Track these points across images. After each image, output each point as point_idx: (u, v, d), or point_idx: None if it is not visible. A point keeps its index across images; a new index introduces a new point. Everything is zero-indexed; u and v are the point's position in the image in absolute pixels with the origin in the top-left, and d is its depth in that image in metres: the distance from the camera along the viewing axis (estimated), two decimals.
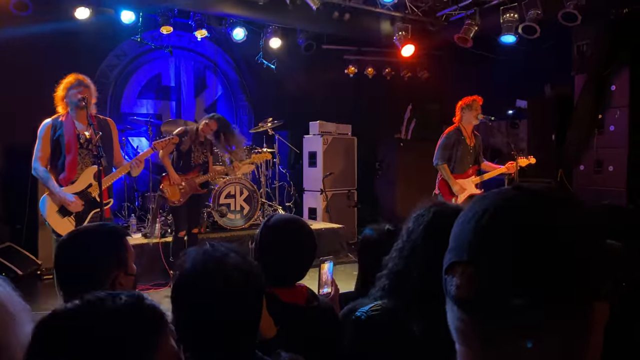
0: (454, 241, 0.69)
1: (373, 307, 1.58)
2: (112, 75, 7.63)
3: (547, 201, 0.66)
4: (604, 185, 6.24)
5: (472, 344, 0.66)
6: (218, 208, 6.25)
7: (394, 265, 1.62)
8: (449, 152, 5.46)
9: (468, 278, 0.64)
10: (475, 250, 0.64)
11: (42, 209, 3.91)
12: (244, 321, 1.29)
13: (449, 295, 0.68)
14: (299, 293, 1.88)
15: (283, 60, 8.37)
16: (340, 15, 7.17)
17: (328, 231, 6.99)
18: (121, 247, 1.75)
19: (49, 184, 3.84)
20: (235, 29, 7.42)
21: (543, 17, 6.29)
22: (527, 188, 0.68)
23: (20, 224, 6.10)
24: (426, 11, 7.43)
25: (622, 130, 6.17)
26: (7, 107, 6.37)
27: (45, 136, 3.89)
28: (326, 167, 7.90)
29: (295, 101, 8.84)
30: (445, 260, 0.69)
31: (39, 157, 3.86)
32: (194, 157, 5.25)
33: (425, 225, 1.58)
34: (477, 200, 0.70)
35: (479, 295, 0.63)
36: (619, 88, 6.21)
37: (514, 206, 0.65)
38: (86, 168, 3.94)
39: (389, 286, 1.62)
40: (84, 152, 3.93)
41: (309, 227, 1.98)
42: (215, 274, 1.27)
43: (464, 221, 0.68)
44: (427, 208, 1.63)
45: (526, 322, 0.61)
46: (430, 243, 1.54)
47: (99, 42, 7.30)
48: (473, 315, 0.64)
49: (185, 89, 8.30)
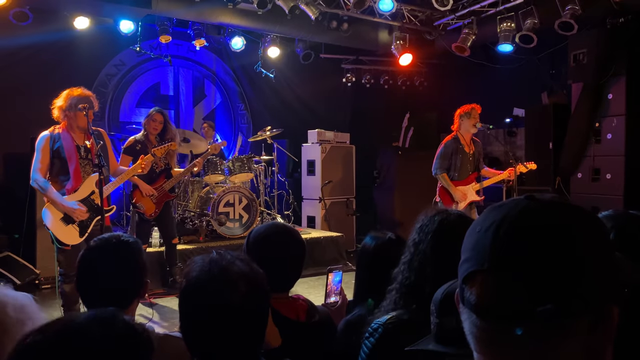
0: (470, 250, 0.70)
1: (389, 318, 1.57)
2: (111, 84, 7.66)
3: (563, 210, 0.68)
4: (602, 193, 6.26)
5: (492, 352, 0.67)
6: (217, 217, 6.25)
7: (405, 279, 1.61)
8: (447, 162, 5.47)
9: (490, 287, 0.65)
10: (497, 259, 0.65)
11: (45, 220, 3.92)
12: (250, 328, 1.30)
13: (467, 304, 0.69)
14: (299, 307, 1.87)
15: (281, 69, 8.41)
16: (338, 25, 7.22)
17: (327, 239, 6.99)
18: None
19: (50, 193, 3.86)
20: (233, 38, 7.46)
21: (540, 26, 6.34)
22: (541, 198, 0.70)
23: (18, 234, 6.09)
24: (424, 20, 7.48)
25: (619, 138, 6.19)
26: (5, 117, 6.39)
27: (44, 148, 3.92)
28: (325, 176, 7.91)
29: (293, 110, 8.88)
30: (462, 270, 0.70)
31: (38, 169, 3.89)
32: (155, 165, 5.16)
33: (432, 235, 1.58)
34: (492, 210, 0.71)
35: (501, 303, 0.64)
36: (615, 96, 6.24)
37: (533, 215, 0.67)
38: (87, 176, 4.00)
39: (400, 299, 1.62)
40: (85, 162, 4.01)
41: (295, 233, 1.97)
42: (221, 282, 1.28)
43: (480, 230, 0.69)
44: (430, 217, 1.63)
45: (549, 330, 0.62)
46: (439, 253, 1.54)
47: (98, 52, 7.33)
48: (495, 323, 0.65)
49: (184, 98, 8.32)
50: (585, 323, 0.63)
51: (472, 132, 5.56)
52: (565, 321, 0.62)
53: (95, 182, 3.93)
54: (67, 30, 6.66)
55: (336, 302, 2.14)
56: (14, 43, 6.40)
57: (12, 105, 6.45)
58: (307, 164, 8.15)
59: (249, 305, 1.29)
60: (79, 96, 3.94)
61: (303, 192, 8.23)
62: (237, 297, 1.27)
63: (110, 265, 1.66)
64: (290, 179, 8.34)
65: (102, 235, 1.78)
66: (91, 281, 1.66)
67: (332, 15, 7.10)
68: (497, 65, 7.83)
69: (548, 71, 7.69)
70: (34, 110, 6.48)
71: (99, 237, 1.79)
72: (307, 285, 5.55)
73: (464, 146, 5.52)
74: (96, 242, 1.74)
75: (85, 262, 1.69)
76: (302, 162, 8.23)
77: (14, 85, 6.51)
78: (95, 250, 1.71)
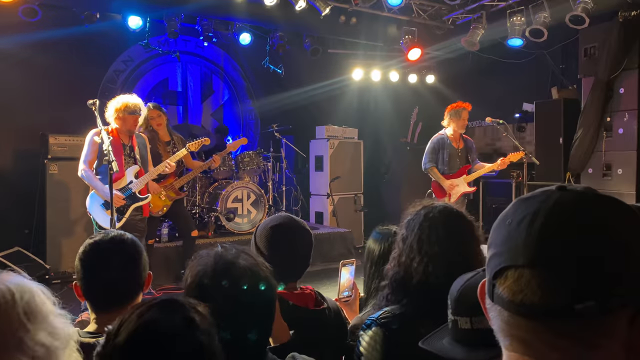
0: (501, 245, 0.66)
1: (382, 314, 1.58)
2: (119, 80, 7.68)
3: (598, 201, 0.65)
4: (613, 188, 6.20)
5: (525, 351, 0.64)
6: (225, 212, 6.25)
7: (394, 274, 1.62)
8: (435, 156, 5.73)
9: (525, 283, 0.62)
10: (532, 254, 0.62)
11: (88, 205, 4.38)
12: (256, 322, 1.29)
13: (497, 301, 0.66)
14: (307, 297, 1.87)
15: (289, 64, 8.39)
16: (346, 20, 7.18)
17: (335, 235, 6.99)
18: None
19: (92, 181, 4.29)
20: (241, 33, 7.44)
21: (550, 20, 6.27)
22: (573, 189, 0.67)
23: (28, 229, 6.14)
24: (432, 15, 7.43)
25: (631, 133, 6.13)
26: (14, 113, 6.42)
27: (93, 143, 4.31)
28: (333, 171, 7.90)
29: (301, 105, 8.86)
30: (493, 265, 0.67)
31: (87, 161, 4.32)
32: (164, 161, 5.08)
33: (417, 227, 1.59)
34: (523, 202, 0.68)
35: (538, 300, 0.61)
36: (627, 91, 6.17)
37: (568, 208, 0.64)
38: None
39: (392, 294, 1.63)
40: (127, 159, 4.50)
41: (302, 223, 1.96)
42: (226, 276, 1.26)
43: (511, 223, 0.66)
44: (417, 212, 1.64)
45: (588, 328, 0.60)
46: (424, 245, 1.55)
47: (107, 48, 7.35)
48: (530, 321, 0.63)
49: (192, 94, 8.33)
50: (624, 321, 0.60)
51: (461, 132, 5.76)
52: (604, 319, 0.59)
53: (134, 174, 4.47)
54: (75, 27, 6.67)
55: (349, 296, 2.14)
56: (23, 39, 6.42)
57: (22, 101, 6.48)
58: (315, 160, 8.13)
59: (255, 299, 1.28)
60: (130, 102, 4.39)
61: (311, 188, 8.22)
62: (243, 291, 1.26)
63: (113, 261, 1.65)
64: (299, 175, 8.33)
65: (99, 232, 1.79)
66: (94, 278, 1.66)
67: (341, 10, 7.06)
68: (507, 60, 7.77)
69: (558, 66, 7.62)
70: (43, 107, 6.54)
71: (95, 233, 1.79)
72: (316, 281, 5.55)
73: (452, 142, 5.72)
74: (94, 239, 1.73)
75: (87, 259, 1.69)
76: (310, 158, 8.22)
77: (24, 81, 6.53)
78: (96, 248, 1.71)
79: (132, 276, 1.67)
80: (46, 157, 5.80)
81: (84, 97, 4.30)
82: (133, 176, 4.47)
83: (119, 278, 1.63)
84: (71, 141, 5.83)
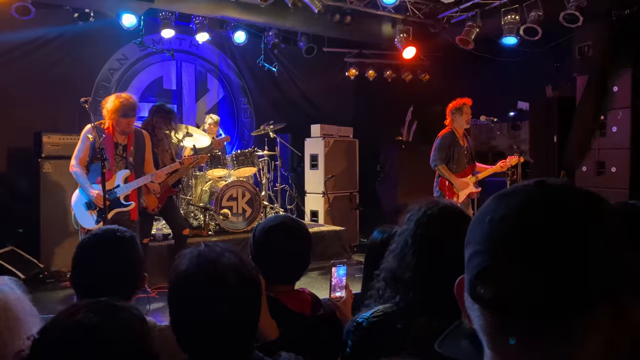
0: (481, 243, 0.65)
1: (373, 313, 1.57)
2: (114, 78, 7.64)
3: (577, 196, 0.64)
4: (607, 186, 6.22)
5: (507, 352, 0.63)
6: (220, 211, 6.24)
7: (390, 268, 1.62)
8: (445, 153, 5.53)
9: (506, 282, 0.61)
10: (513, 252, 0.61)
11: (73, 200, 4.38)
12: (240, 321, 1.28)
13: (478, 300, 0.64)
14: (304, 300, 1.86)
15: (284, 63, 8.37)
16: (341, 18, 7.17)
17: (330, 234, 6.98)
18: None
19: (82, 180, 4.29)
20: (236, 32, 7.43)
21: (544, 18, 6.28)
22: (552, 184, 0.65)
23: (22, 228, 6.11)
24: (427, 13, 7.44)
25: (625, 131, 6.14)
26: (8, 111, 6.38)
27: (86, 140, 4.31)
28: (328, 170, 7.89)
29: (296, 104, 8.85)
30: (473, 264, 0.65)
31: (78, 157, 4.32)
32: (160, 159, 5.14)
33: (414, 222, 1.58)
34: (501, 198, 0.67)
35: (519, 299, 0.60)
36: (621, 89, 6.19)
37: (547, 204, 0.63)
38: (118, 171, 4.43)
39: (386, 288, 1.62)
40: (118, 158, 4.43)
41: (302, 225, 1.95)
42: (209, 274, 1.25)
43: (490, 221, 0.64)
44: (418, 207, 1.62)
45: (572, 324, 0.59)
46: (419, 240, 1.54)
47: (101, 46, 7.31)
48: (511, 320, 0.61)
49: (187, 93, 8.30)
50: (607, 316, 0.60)
51: (465, 127, 5.66)
52: (588, 315, 0.59)
53: (123, 178, 4.38)
54: (69, 25, 6.64)
55: (341, 296, 2.13)
56: (17, 37, 6.39)
57: (15, 99, 6.44)
58: (310, 158, 8.12)
59: (239, 297, 1.26)
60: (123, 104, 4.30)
61: (306, 187, 8.21)
62: (227, 289, 1.24)
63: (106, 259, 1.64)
64: (294, 174, 8.32)
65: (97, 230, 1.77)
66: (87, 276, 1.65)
67: (335, 9, 7.06)
68: (501, 59, 7.78)
69: (552, 64, 7.63)
70: (36, 105, 6.50)
71: (93, 232, 1.78)
72: (311, 279, 5.55)
73: (459, 139, 5.61)
74: (90, 236, 1.72)
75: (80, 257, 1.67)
76: (305, 157, 8.20)
77: (17, 79, 6.49)
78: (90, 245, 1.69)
79: (125, 273, 1.66)
80: (40, 156, 5.77)
81: (78, 96, 4.29)
82: (122, 180, 4.40)
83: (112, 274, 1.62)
84: (65, 140, 5.80)
